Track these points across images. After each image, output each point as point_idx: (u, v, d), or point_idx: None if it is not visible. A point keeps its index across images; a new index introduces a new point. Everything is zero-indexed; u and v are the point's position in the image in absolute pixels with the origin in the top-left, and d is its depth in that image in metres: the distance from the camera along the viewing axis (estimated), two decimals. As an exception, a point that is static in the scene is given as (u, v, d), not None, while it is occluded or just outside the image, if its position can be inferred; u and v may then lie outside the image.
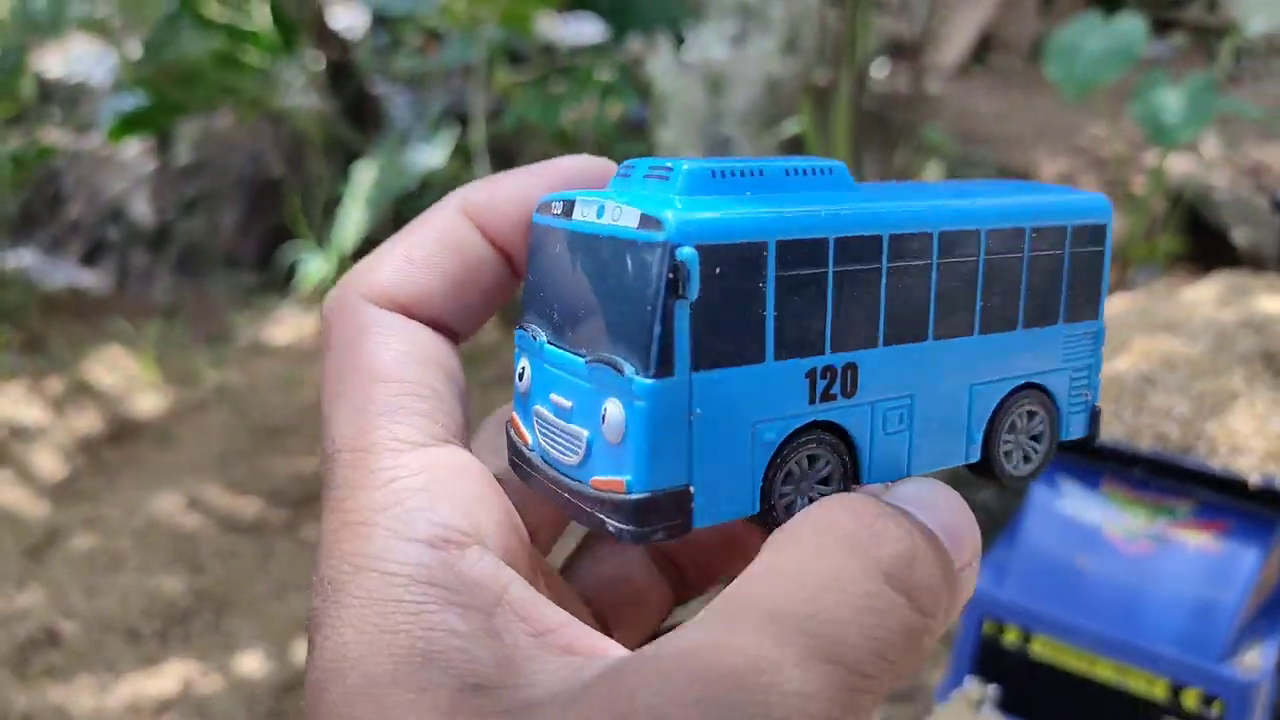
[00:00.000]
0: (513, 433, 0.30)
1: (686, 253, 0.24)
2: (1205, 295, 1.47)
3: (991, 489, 1.72)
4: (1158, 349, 1.26)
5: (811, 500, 0.27)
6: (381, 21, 3.33)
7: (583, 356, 0.26)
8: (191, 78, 2.53)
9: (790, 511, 0.27)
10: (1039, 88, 3.68)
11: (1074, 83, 2.32)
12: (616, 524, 0.25)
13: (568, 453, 0.27)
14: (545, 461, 0.28)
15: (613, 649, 0.24)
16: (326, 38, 2.91)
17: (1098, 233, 0.32)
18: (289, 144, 3.12)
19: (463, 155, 2.58)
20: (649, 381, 0.24)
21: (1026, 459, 0.32)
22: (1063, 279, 0.31)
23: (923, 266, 0.28)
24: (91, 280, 3.18)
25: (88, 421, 2.24)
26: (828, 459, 0.28)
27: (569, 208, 0.27)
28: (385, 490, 0.25)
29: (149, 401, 2.36)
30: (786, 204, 0.26)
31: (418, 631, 0.23)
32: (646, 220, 0.24)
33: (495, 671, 0.23)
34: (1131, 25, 2.47)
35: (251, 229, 3.20)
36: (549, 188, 0.30)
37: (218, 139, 3.38)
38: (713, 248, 0.24)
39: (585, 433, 0.26)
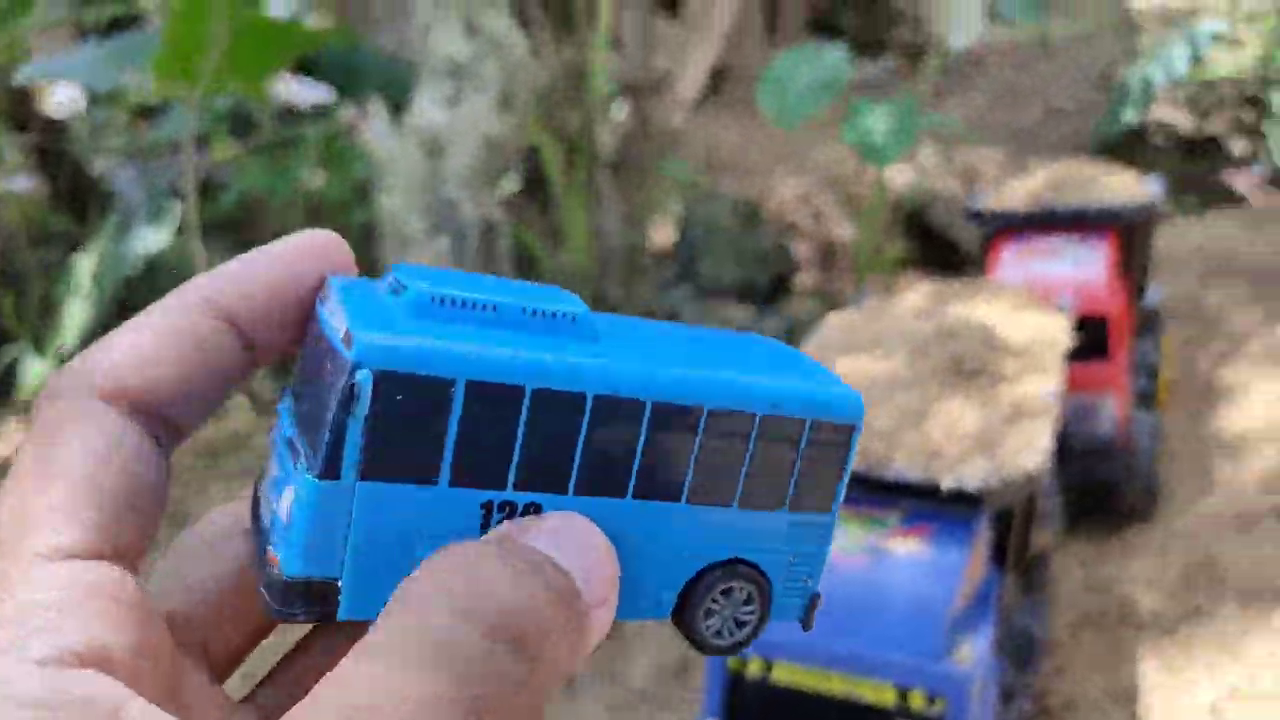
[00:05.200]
0: None
1: (363, 375, 0.25)
2: (908, 308, 1.58)
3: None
4: (860, 369, 1.33)
5: None
6: (96, 98, 3.14)
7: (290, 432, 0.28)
8: None
9: None
10: (771, 115, 3.87)
11: (785, 114, 2.45)
12: (265, 596, 0.26)
13: (265, 518, 0.28)
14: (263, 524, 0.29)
15: None
16: (32, 119, 2.72)
17: (842, 431, 0.31)
18: None
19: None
20: (313, 479, 0.25)
21: (737, 627, 0.32)
22: (793, 470, 0.30)
23: (629, 430, 0.28)
24: None
25: None
26: None
27: (325, 296, 0.29)
28: (15, 604, 0.24)
29: None
30: (498, 343, 0.26)
31: None
32: (347, 335, 0.25)
33: None
34: (835, 56, 2.63)
35: (-37, 334, 2.93)
36: (292, 271, 0.30)
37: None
38: (397, 375, 0.25)
39: (274, 504, 0.27)
